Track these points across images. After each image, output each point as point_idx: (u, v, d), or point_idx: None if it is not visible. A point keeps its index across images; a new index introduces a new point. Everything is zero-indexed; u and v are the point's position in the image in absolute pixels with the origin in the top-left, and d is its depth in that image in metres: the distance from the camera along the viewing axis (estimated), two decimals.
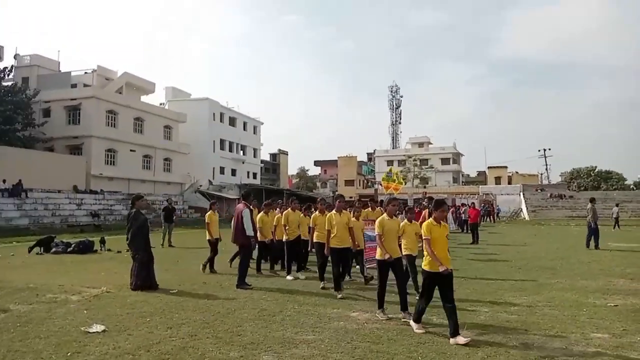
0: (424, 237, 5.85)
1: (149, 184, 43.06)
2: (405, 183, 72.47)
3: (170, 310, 6.96)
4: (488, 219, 40.27)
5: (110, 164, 40.07)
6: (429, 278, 5.73)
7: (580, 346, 5.31)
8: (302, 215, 10.90)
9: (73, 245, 15.56)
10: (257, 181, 61.70)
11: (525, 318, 6.56)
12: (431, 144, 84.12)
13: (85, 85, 41.53)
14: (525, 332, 5.89)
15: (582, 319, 6.51)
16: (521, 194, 51.67)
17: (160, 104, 51.39)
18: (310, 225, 9.54)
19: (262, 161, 68.98)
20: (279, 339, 5.49)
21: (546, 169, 67.32)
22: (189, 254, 15.49)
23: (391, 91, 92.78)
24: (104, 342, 5.37)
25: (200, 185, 47.04)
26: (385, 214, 7.00)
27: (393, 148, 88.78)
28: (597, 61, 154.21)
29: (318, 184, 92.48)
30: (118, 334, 5.69)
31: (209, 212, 12.15)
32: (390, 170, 31.23)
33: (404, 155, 77.88)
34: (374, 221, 9.05)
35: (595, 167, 77.33)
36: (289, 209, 10.81)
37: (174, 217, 19.06)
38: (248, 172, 60.31)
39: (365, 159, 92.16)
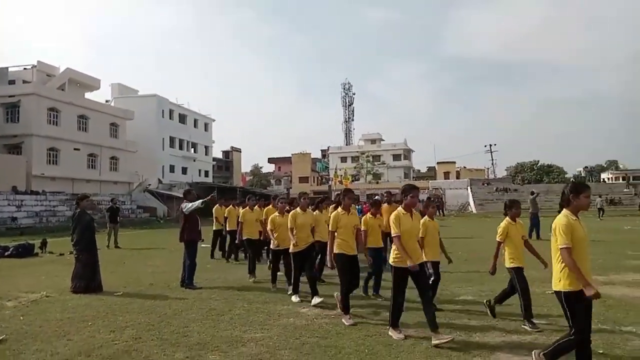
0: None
1: (94, 183, 41.47)
2: (358, 179, 73.78)
3: (113, 313, 6.73)
4: (438, 213, 41.33)
5: (53, 163, 38.30)
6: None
7: (519, 334, 5.53)
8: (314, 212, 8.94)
9: (11, 249, 14.77)
10: (209, 179, 60.68)
11: (469, 308, 6.77)
12: (383, 140, 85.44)
13: (24, 82, 39.40)
14: (468, 321, 6.09)
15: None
16: (468, 188, 53.33)
17: (106, 101, 49.57)
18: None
19: (214, 159, 67.89)
20: (226, 338, 5.42)
21: (492, 164, 69.79)
22: (136, 255, 15.05)
23: (344, 88, 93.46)
24: (41, 348, 5.12)
25: (149, 185, 45.72)
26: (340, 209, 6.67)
27: (346, 145, 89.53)
28: (541, 60, 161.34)
29: (272, 181, 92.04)
30: (57, 340, 5.44)
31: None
32: (336, 167, 31.63)
33: (357, 151, 78.83)
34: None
35: (538, 161, 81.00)
36: (247, 207, 10.66)
37: (119, 218, 18.40)
38: (200, 170, 59.19)
39: (319, 155, 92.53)
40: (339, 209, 6.65)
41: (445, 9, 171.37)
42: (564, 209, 4.06)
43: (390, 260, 5.52)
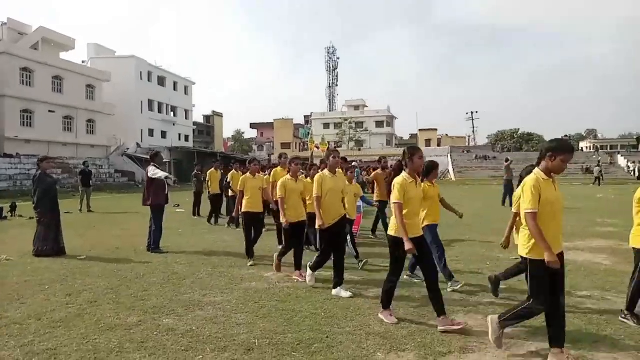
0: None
1: (70, 146, 40.64)
2: (341, 146, 73.62)
3: (73, 277, 6.63)
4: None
5: (27, 125, 37.29)
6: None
7: (477, 297, 5.59)
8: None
9: None
10: (190, 144, 59.90)
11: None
12: (367, 107, 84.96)
13: None
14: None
15: (485, 272, 6.84)
16: (449, 155, 53.63)
17: (83, 62, 48.10)
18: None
19: (195, 123, 66.80)
20: (184, 302, 5.37)
21: (473, 132, 70.15)
22: (108, 219, 14.87)
23: (328, 53, 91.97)
24: None
25: (127, 149, 45.00)
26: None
27: (330, 111, 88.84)
28: (527, 27, 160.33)
29: (254, 147, 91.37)
30: (9, 304, 5.34)
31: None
32: (312, 132, 31.75)
33: (340, 118, 78.38)
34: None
35: (518, 129, 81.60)
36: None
37: (92, 181, 18.11)
38: (180, 135, 58.31)
39: (302, 121, 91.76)
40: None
41: None
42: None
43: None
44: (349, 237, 7.21)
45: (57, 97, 39.83)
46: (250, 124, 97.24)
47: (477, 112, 70.28)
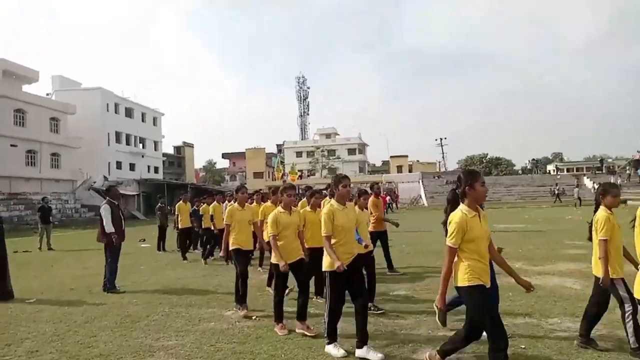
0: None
1: (34, 182, 39.36)
2: (314, 174, 73.67)
3: (18, 323, 6.15)
4: (390, 207, 41.69)
5: None
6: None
7: (444, 330, 5.36)
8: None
9: None
10: (160, 175, 58.89)
11: (398, 305, 6.56)
12: (338, 134, 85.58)
13: None
14: (397, 317, 5.90)
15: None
16: (420, 181, 54.12)
17: (47, 94, 47.15)
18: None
19: (165, 154, 65.91)
20: (134, 348, 4.98)
21: (443, 157, 71.21)
22: (68, 257, 14.19)
23: (298, 82, 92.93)
24: None
25: (94, 182, 43.87)
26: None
27: (302, 139, 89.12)
28: (489, 52, 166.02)
29: (227, 177, 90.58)
30: None
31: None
32: (279, 161, 31.62)
33: (312, 146, 78.68)
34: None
35: (487, 154, 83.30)
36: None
37: (52, 218, 17.39)
38: (149, 167, 57.30)
39: (275, 150, 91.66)
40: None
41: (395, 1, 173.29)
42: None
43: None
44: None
45: (20, 130, 38.72)
46: (222, 153, 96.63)
47: (445, 138, 71.61)
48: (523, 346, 4.67)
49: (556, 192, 40.54)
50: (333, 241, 4.64)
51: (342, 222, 4.67)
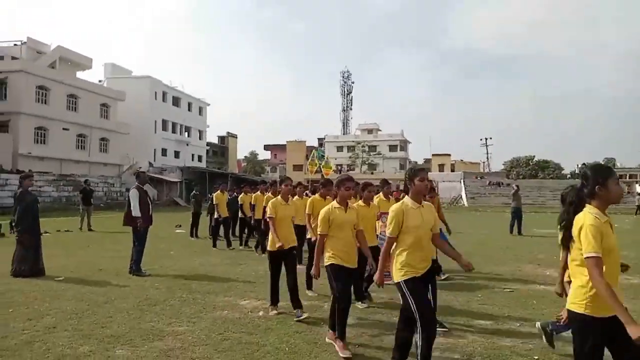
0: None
1: (83, 164, 41.06)
2: (354, 169, 73.41)
3: (43, 300, 6.40)
4: None
5: (41, 142, 37.82)
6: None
7: (458, 332, 5.20)
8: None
9: None
10: (203, 164, 60.22)
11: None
12: (380, 130, 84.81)
13: (13, 58, 38.80)
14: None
15: (474, 305, 6.45)
16: (462, 181, 52.97)
17: (99, 81, 48.99)
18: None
19: (208, 144, 67.36)
20: (145, 331, 5.08)
21: (487, 158, 69.39)
22: (106, 238, 14.69)
23: (343, 77, 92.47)
24: None
25: (140, 167, 45.24)
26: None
27: (344, 134, 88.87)
28: (541, 54, 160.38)
29: (267, 168, 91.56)
30: None
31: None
32: (313, 154, 31.46)
33: (353, 141, 78.31)
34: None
35: (534, 156, 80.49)
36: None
37: (93, 199, 18.06)
38: (193, 155, 58.71)
39: (316, 144, 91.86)
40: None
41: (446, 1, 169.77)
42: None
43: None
44: None
45: (72, 115, 40.43)
46: (264, 145, 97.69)
47: (491, 138, 69.83)
48: (536, 357, 4.46)
49: (637, 202, 36.83)
50: (403, 247, 3.85)
51: (417, 224, 3.82)
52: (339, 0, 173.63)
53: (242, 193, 12.95)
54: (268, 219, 5.94)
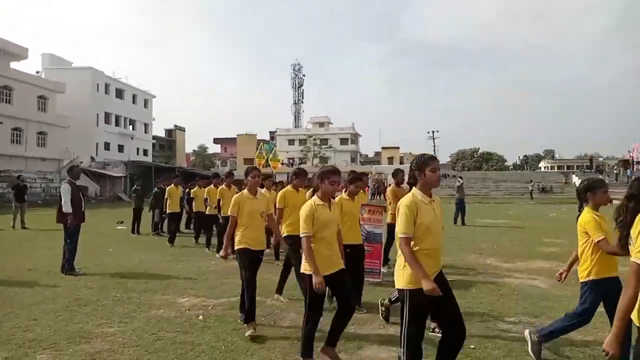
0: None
1: (19, 159, 38.76)
2: (305, 162, 73.41)
3: None
4: (378, 197, 41.61)
5: None
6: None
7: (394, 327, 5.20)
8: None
9: None
10: (149, 158, 58.33)
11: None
12: (331, 124, 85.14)
13: None
14: None
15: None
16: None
17: (37, 72, 46.37)
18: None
19: (155, 137, 65.24)
20: (72, 333, 4.78)
21: (434, 150, 70.95)
22: (40, 236, 13.91)
23: (294, 69, 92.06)
24: None
25: (81, 162, 43.25)
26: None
27: (295, 127, 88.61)
28: (493, 48, 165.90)
29: (217, 162, 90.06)
30: None
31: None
32: (261, 146, 31.25)
33: (305, 134, 78.26)
34: (376, 208, 7.21)
35: (478, 148, 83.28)
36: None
37: (26, 196, 17.06)
38: (138, 149, 56.69)
39: (268, 137, 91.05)
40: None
41: None
42: (414, 188, 3.38)
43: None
44: None
45: (6, 107, 38.03)
46: (214, 138, 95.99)
47: (437, 131, 71.58)
48: (472, 346, 4.50)
49: (531, 188, 41.85)
50: (420, 246, 3.27)
51: (430, 220, 3.28)
52: None
53: (196, 187, 12.63)
54: (230, 217, 5.09)
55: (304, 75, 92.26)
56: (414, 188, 3.41)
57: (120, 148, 52.71)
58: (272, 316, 5.49)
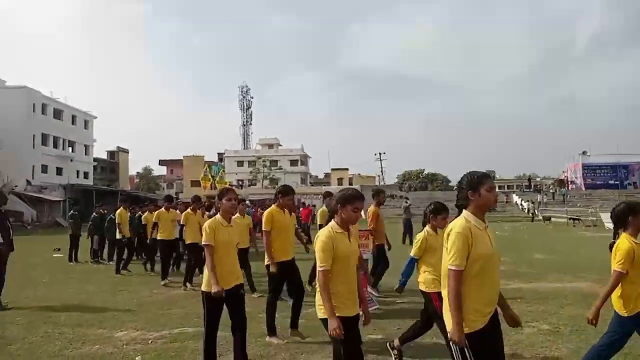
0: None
1: None
2: (255, 184, 72.76)
3: None
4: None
5: None
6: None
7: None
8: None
9: None
10: (89, 181, 55.89)
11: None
12: (281, 145, 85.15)
13: None
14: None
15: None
16: None
17: None
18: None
19: (96, 159, 62.76)
20: None
21: (382, 171, 72.37)
22: None
23: (241, 91, 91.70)
24: None
25: (15, 186, 40.89)
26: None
27: (244, 149, 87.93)
28: (429, 77, 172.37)
29: (163, 185, 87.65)
30: None
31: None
32: (206, 168, 30.68)
33: (254, 156, 77.74)
34: (363, 233, 7.00)
35: (424, 169, 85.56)
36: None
37: None
38: (78, 172, 54.20)
39: (216, 159, 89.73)
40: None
41: (344, 23, 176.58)
42: (464, 211, 2.90)
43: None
44: None
45: None
46: (160, 160, 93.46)
47: (384, 153, 73.10)
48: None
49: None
50: (468, 283, 2.73)
51: (487, 251, 2.77)
52: (240, 16, 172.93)
53: (147, 212, 12.10)
54: (204, 246, 4.25)
55: (251, 98, 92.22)
56: (464, 211, 2.88)
57: (59, 171, 50.27)
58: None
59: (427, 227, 4.69)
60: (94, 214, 13.97)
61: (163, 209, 10.30)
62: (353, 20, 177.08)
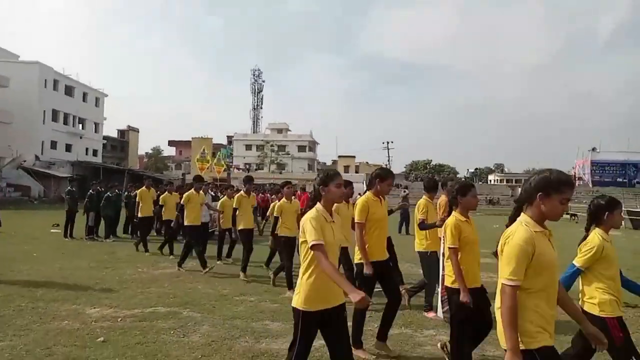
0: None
1: None
2: (262, 168, 72.90)
3: None
4: None
5: None
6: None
7: None
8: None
9: None
10: (98, 159, 56.36)
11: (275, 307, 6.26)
12: (290, 130, 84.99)
13: None
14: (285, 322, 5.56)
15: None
16: (364, 182, 54.52)
17: None
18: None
19: (106, 137, 63.19)
20: None
21: (388, 160, 72.11)
22: None
23: (253, 75, 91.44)
24: None
25: (24, 161, 41.39)
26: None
27: (254, 132, 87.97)
28: (447, 66, 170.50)
29: (172, 165, 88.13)
30: None
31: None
32: (203, 150, 30.52)
33: (263, 140, 77.76)
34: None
35: (431, 160, 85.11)
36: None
37: None
38: (87, 149, 54.66)
39: (225, 141, 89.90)
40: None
41: (364, 8, 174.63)
42: (522, 215, 2.56)
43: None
44: None
45: None
46: (169, 141, 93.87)
47: (392, 142, 72.78)
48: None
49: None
50: (532, 295, 2.42)
51: (552, 259, 2.52)
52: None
53: (166, 192, 12.10)
54: (314, 246, 3.04)
55: (263, 81, 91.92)
56: (522, 215, 2.52)
57: (68, 147, 50.70)
58: (184, 329, 5.25)
59: (600, 231, 3.45)
60: (91, 191, 14.09)
61: (193, 190, 9.35)
62: (372, 5, 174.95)
